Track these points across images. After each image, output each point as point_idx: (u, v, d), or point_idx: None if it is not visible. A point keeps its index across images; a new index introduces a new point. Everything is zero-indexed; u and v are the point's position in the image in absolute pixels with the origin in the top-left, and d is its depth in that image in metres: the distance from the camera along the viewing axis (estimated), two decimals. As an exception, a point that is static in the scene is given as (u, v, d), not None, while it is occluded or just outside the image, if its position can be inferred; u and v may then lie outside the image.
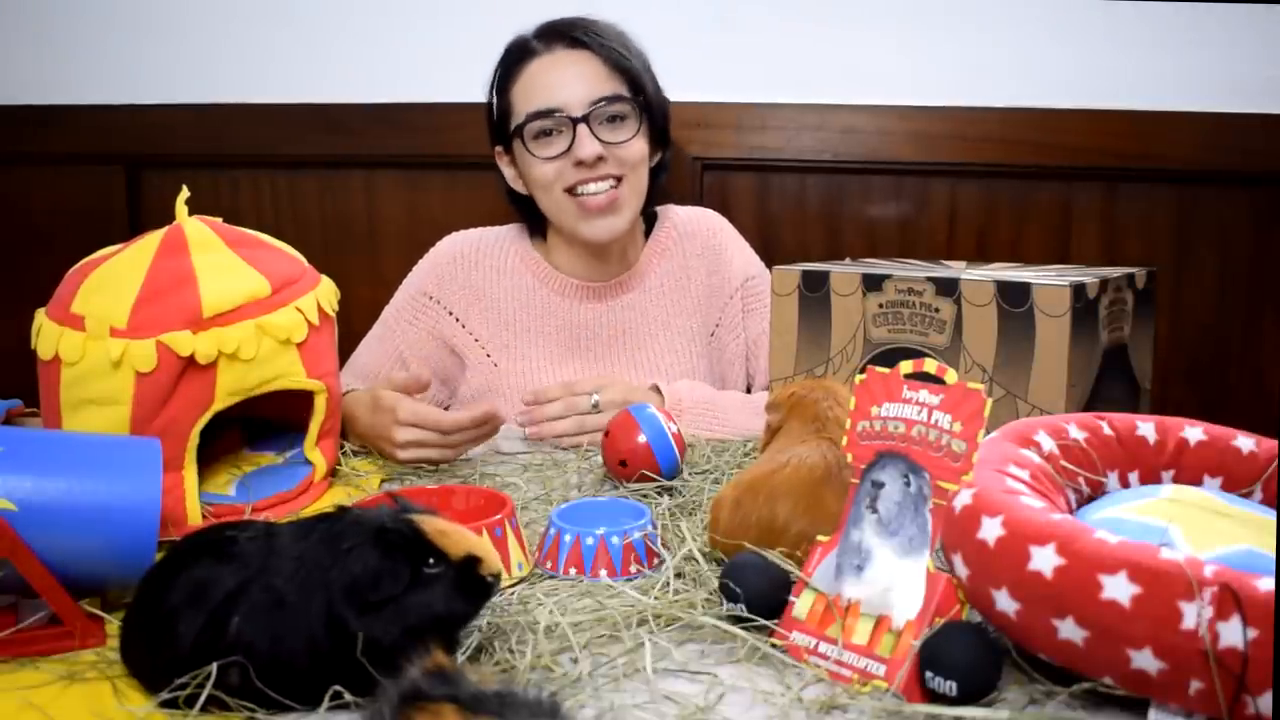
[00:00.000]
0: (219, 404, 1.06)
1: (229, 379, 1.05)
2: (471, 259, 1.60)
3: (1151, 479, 0.88)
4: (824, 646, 0.77)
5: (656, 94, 1.56)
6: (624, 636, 0.80)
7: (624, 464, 1.18)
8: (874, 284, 1.20)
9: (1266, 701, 0.60)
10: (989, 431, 0.80)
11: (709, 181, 1.87)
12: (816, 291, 1.24)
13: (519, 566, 0.94)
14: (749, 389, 1.67)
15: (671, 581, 0.90)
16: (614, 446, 1.19)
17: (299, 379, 1.11)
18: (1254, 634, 0.60)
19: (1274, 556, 0.69)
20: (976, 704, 0.69)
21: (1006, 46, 1.77)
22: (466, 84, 1.63)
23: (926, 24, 1.78)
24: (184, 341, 1.02)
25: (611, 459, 1.20)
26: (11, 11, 1.95)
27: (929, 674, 0.70)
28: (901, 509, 0.77)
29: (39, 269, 1.36)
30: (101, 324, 1.02)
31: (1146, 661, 0.63)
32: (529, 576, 0.94)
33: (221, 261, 1.09)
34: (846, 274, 1.22)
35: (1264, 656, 0.60)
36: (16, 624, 0.80)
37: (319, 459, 1.18)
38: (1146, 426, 0.89)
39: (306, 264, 1.18)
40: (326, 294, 1.17)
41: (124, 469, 0.86)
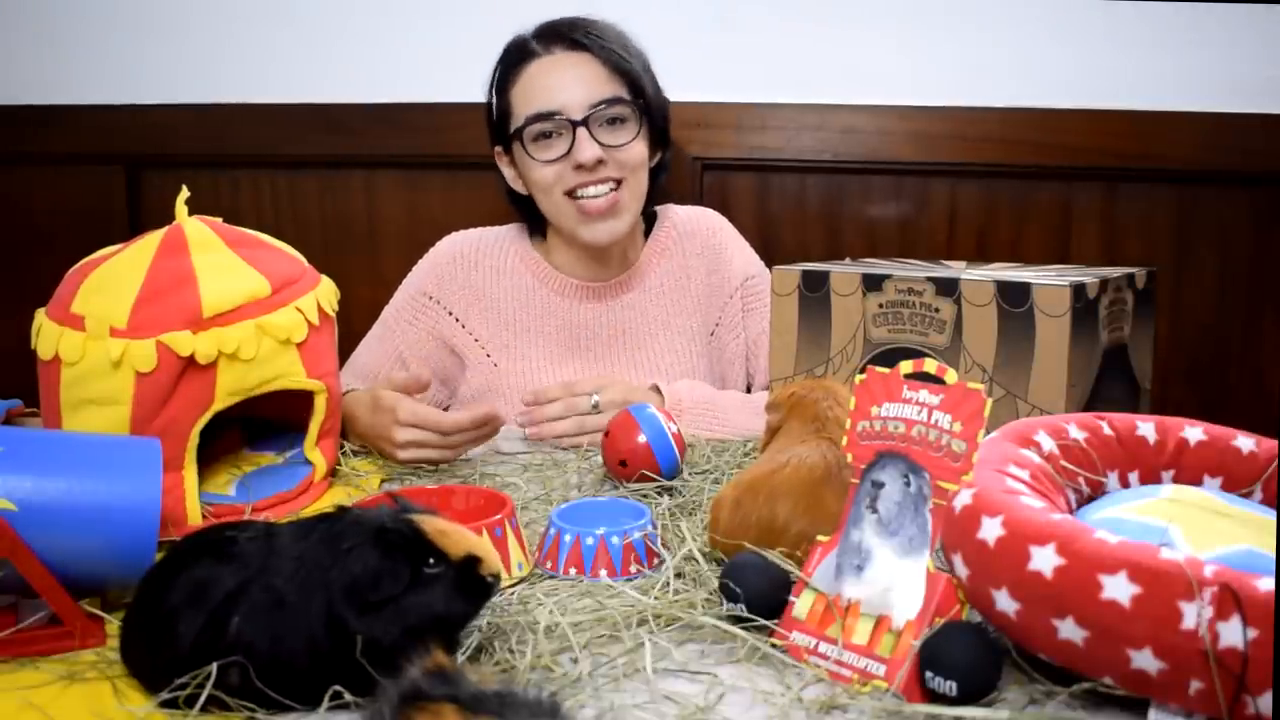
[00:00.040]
0: (219, 404, 1.06)
1: (229, 379, 1.05)
2: (471, 259, 1.60)
3: (1151, 479, 0.88)
4: (824, 646, 0.77)
5: (656, 95, 1.56)
6: (624, 636, 0.80)
7: (624, 464, 1.18)
8: (874, 284, 1.20)
9: (1266, 701, 0.60)
10: (989, 431, 0.80)
11: (709, 181, 1.87)
12: (816, 291, 1.24)
13: (519, 566, 0.94)
14: (749, 389, 1.67)
15: (671, 581, 0.90)
16: (614, 446, 1.19)
17: (299, 379, 1.11)
18: (1254, 634, 0.60)
19: (1274, 556, 0.69)
20: (976, 704, 0.69)
21: (1006, 46, 1.77)
22: (467, 84, 1.63)
23: (926, 24, 1.78)
24: (184, 341, 1.02)
25: (611, 459, 1.20)
26: (12, 11, 1.95)
27: (929, 674, 0.70)
28: (901, 509, 0.77)
29: (39, 269, 1.36)
30: (101, 324, 1.02)
31: (1146, 661, 0.63)
32: (529, 576, 0.94)
33: (221, 261, 1.09)
34: (846, 274, 1.22)
35: (1264, 656, 0.60)
36: (16, 624, 0.80)
37: (319, 459, 1.18)
38: (1146, 426, 0.89)
39: (306, 264, 1.18)
40: (326, 294, 1.17)
41: (124, 469, 0.86)
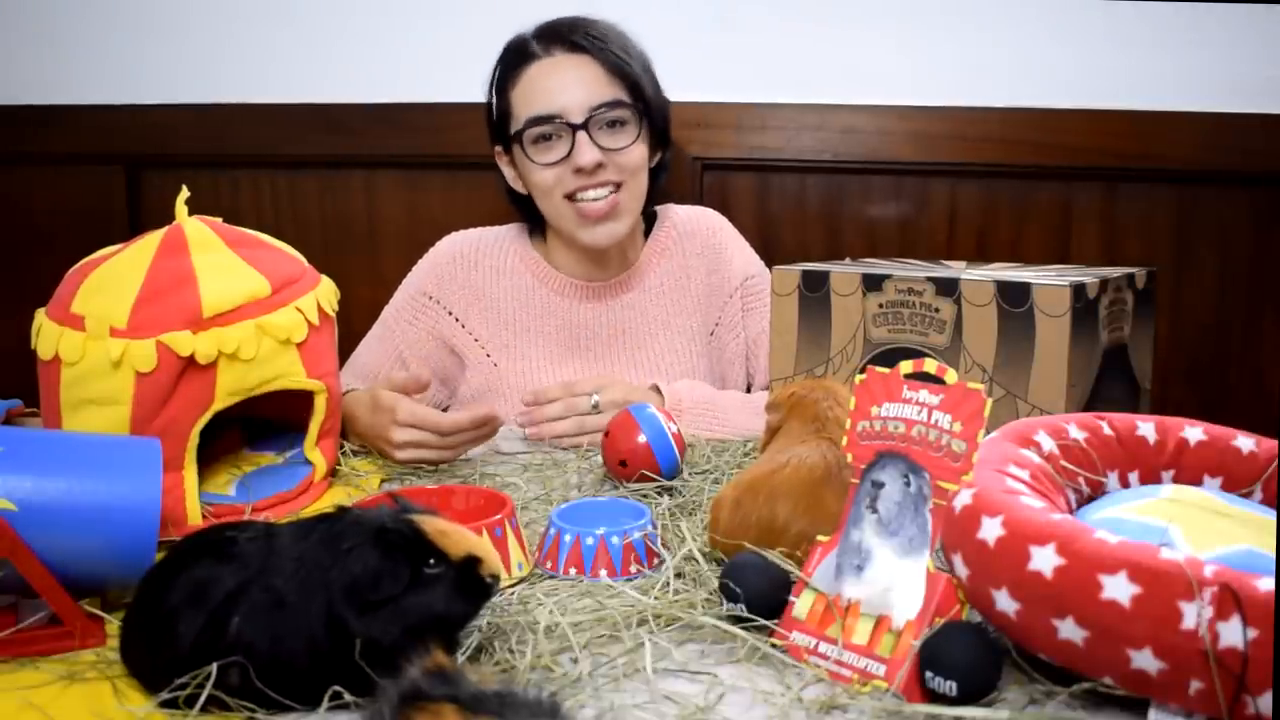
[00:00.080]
0: (219, 404, 1.06)
1: (229, 379, 1.05)
2: (471, 259, 1.60)
3: (1151, 479, 0.88)
4: (824, 646, 0.77)
5: (657, 96, 1.56)
6: (624, 636, 0.80)
7: (624, 464, 1.18)
8: (874, 284, 1.20)
9: (1266, 701, 0.60)
10: (989, 431, 0.80)
11: (709, 181, 1.87)
12: (816, 291, 1.24)
13: (519, 566, 0.94)
14: (749, 389, 1.67)
15: (671, 581, 0.90)
16: (614, 446, 1.19)
17: (299, 379, 1.11)
18: (1254, 634, 0.60)
19: (1274, 556, 0.69)
20: (976, 704, 0.69)
21: (1006, 46, 1.77)
22: (467, 84, 1.63)
23: (926, 24, 1.78)
24: (184, 341, 1.02)
25: (611, 459, 1.20)
26: (13, 11, 1.95)
27: (929, 674, 0.70)
28: (901, 509, 0.77)
29: (39, 269, 1.36)
30: (101, 324, 1.02)
31: (1146, 661, 0.63)
32: (529, 576, 0.94)
33: (221, 261, 1.09)
34: (846, 274, 1.22)
35: (1264, 656, 0.60)
36: (16, 624, 0.80)
37: (319, 459, 1.18)
38: (1146, 426, 0.89)
39: (306, 264, 1.18)
40: (326, 294, 1.17)
41: (124, 469, 0.86)
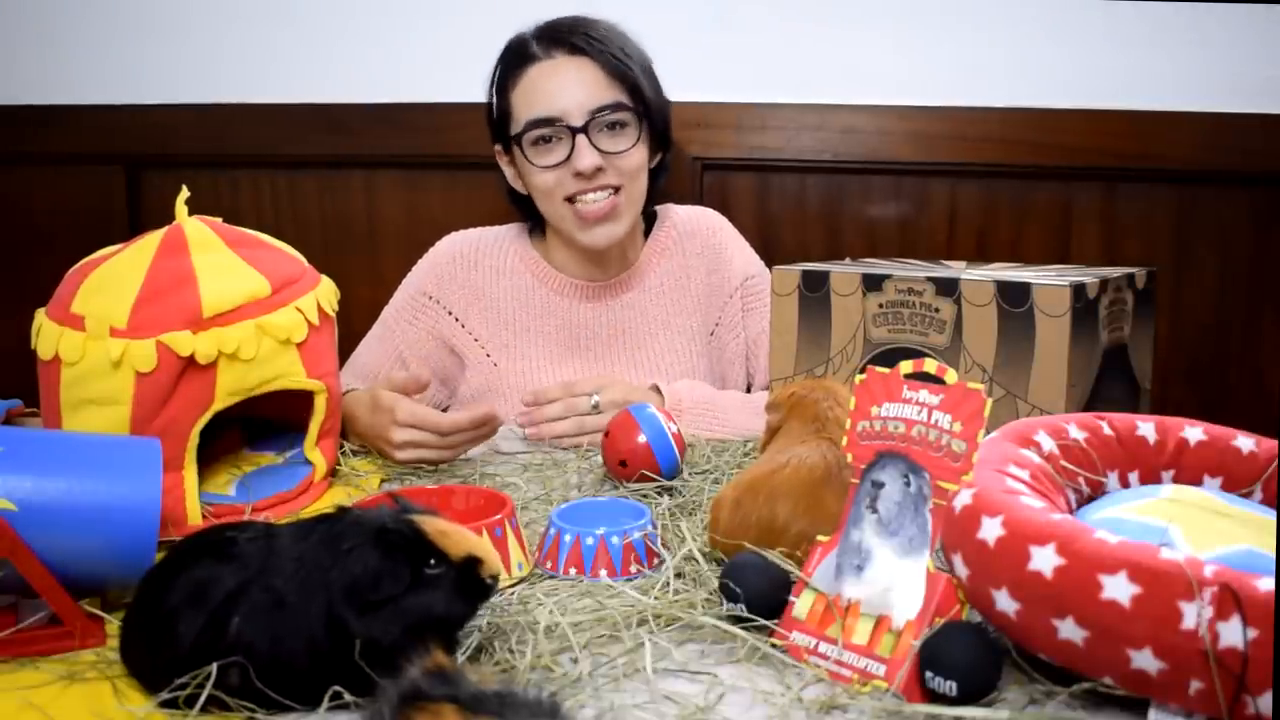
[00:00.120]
0: (219, 404, 1.06)
1: (229, 379, 1.05)
2: (471, 259, 1.60)
3: (1151, 479, 0.88)
4: (824, 646, 0.77)
5: (657, 97, 1.55)
6: (624, 636, 0.80)
7: (624, 464, 1.18)
8: (874, 284, 1.20)
9: (1266, 701, 0.60)
10: (989, 431, 0.80)
11: (709, 181, 1.87)
12: (816, 291, 1.24)
13: (519, 566, 0.94)
14: (749, 389, 1.67)
15: (671, 581, 0.90)
16: (614, 446, 1.19)
17: (299, 379, 1.11)
18: (1254, 634, 0.60)
19: (1274, 556, 0.69)
20: (976, 704, 0.69)
21: (1006, 46, 1.77)
22: (467, 84, 1.63)
23: (926, 24, 1.78)
24: (184, 341, 1.02)
25: (611, 459, 1.20)
26: (13, 11, 1.95)
27: (929, 674, 0.70)
28: (901, 509, 0.77)
29: (39, 269, 1.36)
30: (101, 324, 1.02)
31: (1146, 661, 0.63)
32: (529, 576, 0.94)
33: (221, 261, 1.09)
34: (846, 274, 1.22)
35: (1264, 656, 0.60)
36: (16, 624, 0.80)
37: (319, 459, 1.18)
38: (1146, 426, 0.89)
39: (306, 264, 1.18)
40: (326, 294, 1.17)
41: (124, 469, 0.86)
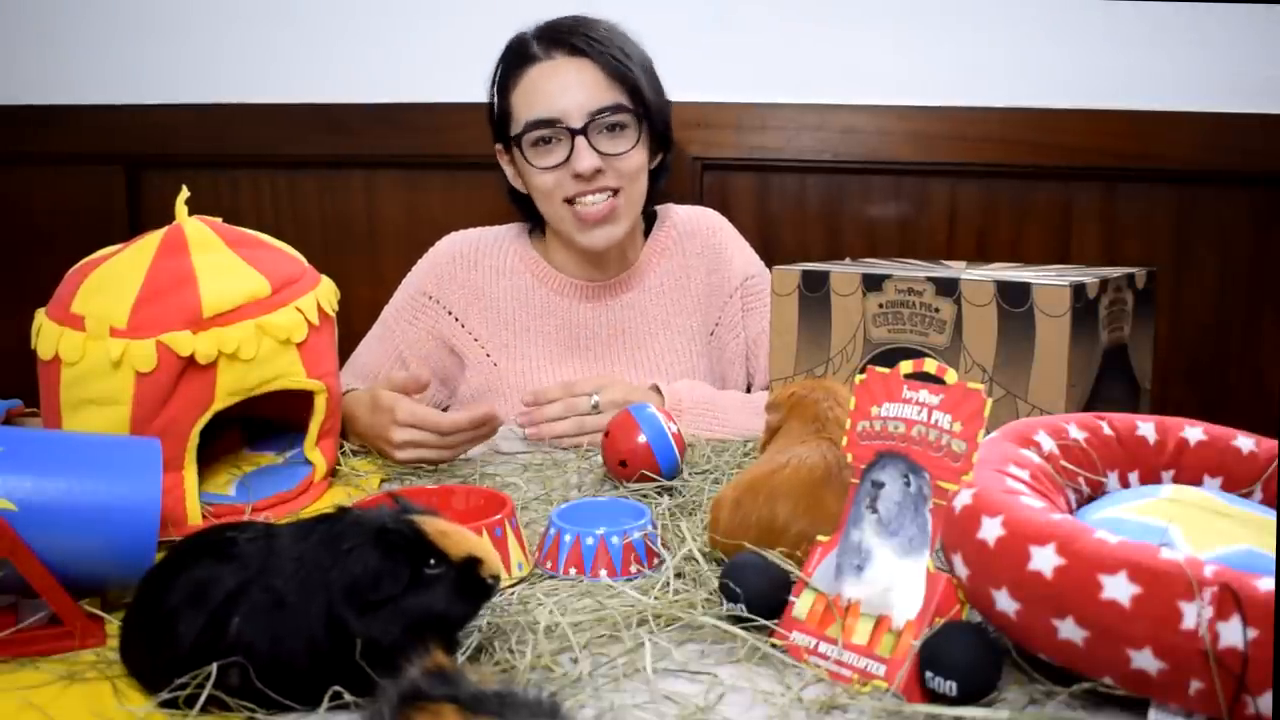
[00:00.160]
0: (219, 404, 1.06)
1: (229, 379, 1.05)
2: (470, 259, 1.60)
3: (1151, 479, 0.88)
4: (824, 646, 0.77)
5: (657, 99, 1.55)
6: (624, 636, 0.80)
7: (624, 464, 1.18)
8: (874, 284, 1.20)
9: (1266, 701, 0.60)
10: (989, 431, 0.80)
11: (709, 181, 1.87)
12: (816, 291, 1.24)
13: (519, 566, 0.94)
14: (749, 389, 1.67)
15: (671, 581, 0.90)
16: (614, 446, 1.19)
17: (299, 379, 1.11)
18: (1254, 634, 0.60)
19: (1274, 556, 0.69)
20: (976, 704, 0.69)
21: (1006, 46, 1.77)
22: (467, 84, 1.63)
23: (926, 24, 1.78)
24: (184, 341, 1.02)
25: (611, 459, 1.20)
26: (14, 11, 1.95)
27: (929, 674, 0.70)
28: (901, 509, 0.77)
29: (39, 269, 1.36)
30: (101, 324, 1.02)
31: (1146, 661, 0.63)
32: (529, 576, 0.94)
33: (221, 261, 1.09)
34: (846, 274, 1.22)
35: (1264, 656, 0.60)
36: (16, 624, 0.80)
37: (319, 459, 1.18)
38: (1146, 426, 0.89)
39: (306, 264, 1.18)
40: (326, 294, 1.17)
41: (124, 469, 0.86)
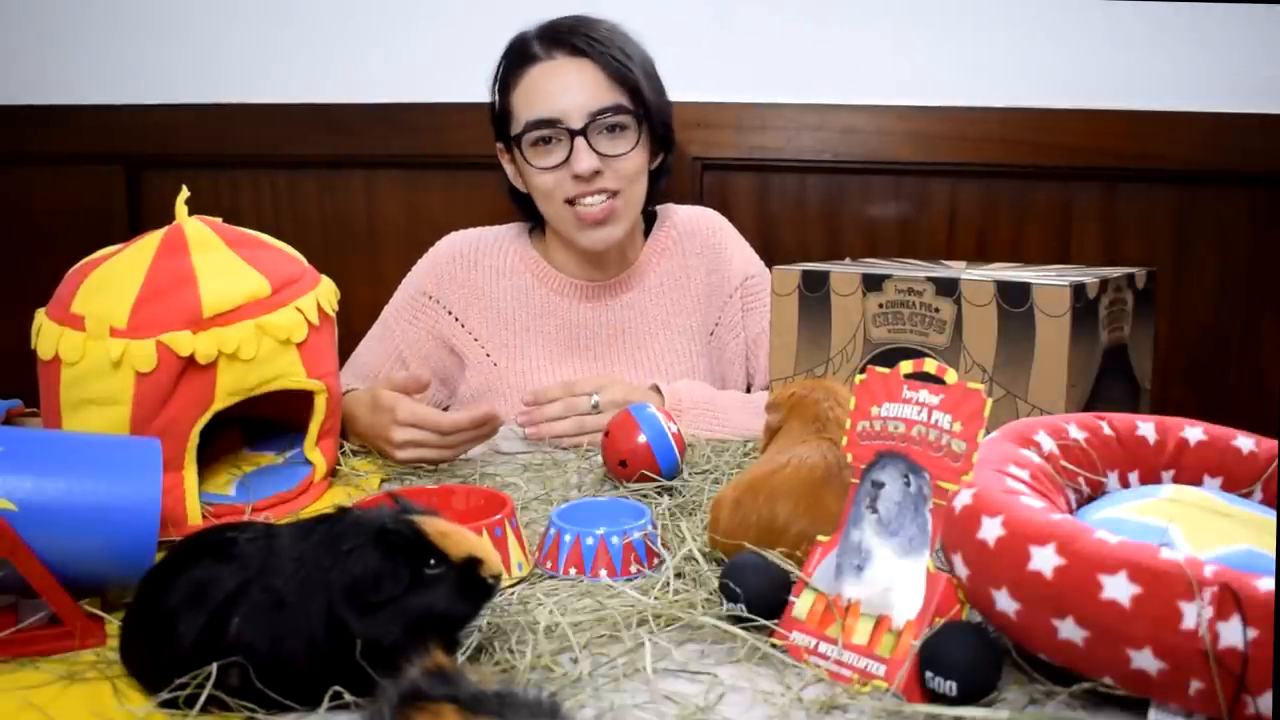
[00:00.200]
0: (219, 404, 1.06)
1: (229, 379, 1.05)
2: (470, 258, 1.60)
3: (1151, 479, 0.88)
4: (824, 646, 0.77)
5: (658, 99, 1.55)
6: (624, 636, 0.80)
7: (624, 464, 1.18)
8: (874, 284, 1.20)
9: (1266, 701, 0.60)
10: (989, 431, 0.80)
11: (709, 181, 1.87)
12: (816, 291, 1.24)
13: (519, 566, 0.94)
14: (749, 389, 1.67)
15: (671, 581, 0.90)
16: (614, 446, 1.19)
17: (299, 379, 1.11)
18: (1254, 634, 0.60)
19: (1274, 556, 0.69)
20: (976, 704, 0.69)
21: (1006, 46, 1.77)
22: (467, 84, 1.63)
23: (926, 24, 1.78)
24: (184, 341, 1.02)
25: (611, 459, 1.20)
26: (13, 11, 1.95)
27: (929, 674, 0.70)
28: (901, 509, 0.77)
29: (39, 269, 1.36)
30: (101, 324, 1.02)
31: (1146, 661, 0.63)
32: (529, 576, 0.94)
33: (221, 261, 1.09)
34: (846, 274, 1.22)
35: (1264, 656, 0.60)
36: (16, 624, 0.80)
37: (319, 459, 1.18)
38: (1146, 426, 0.89)
39: (306, 264, 1.18)
40: (326, 294, 1.17)
41: (124, 469, 0.86)
